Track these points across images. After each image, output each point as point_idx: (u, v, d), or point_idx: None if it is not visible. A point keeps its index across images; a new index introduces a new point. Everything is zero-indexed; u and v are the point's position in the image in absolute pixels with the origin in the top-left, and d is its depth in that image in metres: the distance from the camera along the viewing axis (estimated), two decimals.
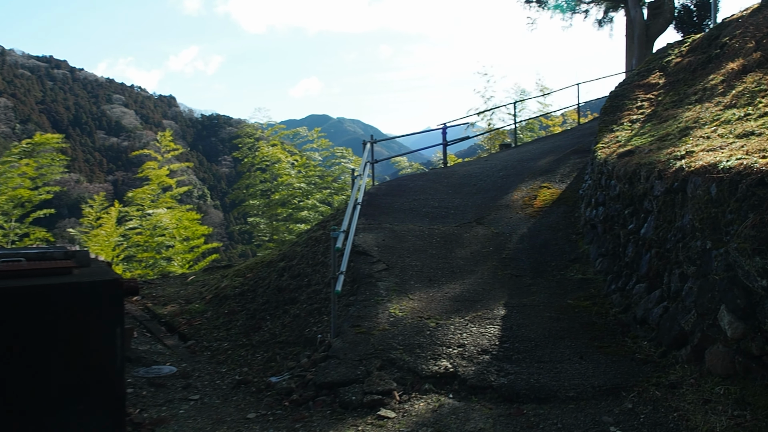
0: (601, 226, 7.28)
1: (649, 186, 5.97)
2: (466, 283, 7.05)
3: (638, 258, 5.92)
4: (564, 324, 5.77)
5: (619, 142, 8.43)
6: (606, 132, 9.35)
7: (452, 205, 10.11)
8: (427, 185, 11.50)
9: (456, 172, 12.46)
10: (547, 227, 8.60)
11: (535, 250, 7.91)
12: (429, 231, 8.90)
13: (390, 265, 7.60)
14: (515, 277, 7.14)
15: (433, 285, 7.02)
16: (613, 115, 10.09)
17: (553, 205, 9.41)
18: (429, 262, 7.71)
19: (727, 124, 6.41)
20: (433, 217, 9.57)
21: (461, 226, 9.06)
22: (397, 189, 11.33)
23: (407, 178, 12.50)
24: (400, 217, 9.57)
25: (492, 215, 9.43)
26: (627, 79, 11.88)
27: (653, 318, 5.21)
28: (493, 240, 8.42)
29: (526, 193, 10.18)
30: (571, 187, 10.09)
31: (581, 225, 8.27)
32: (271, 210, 21.07)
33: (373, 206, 10.19)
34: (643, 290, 5.62)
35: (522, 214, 9.31)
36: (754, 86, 7.19)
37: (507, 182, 11.08)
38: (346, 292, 7.20)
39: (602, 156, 7.93)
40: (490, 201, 10.14)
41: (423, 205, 10.17)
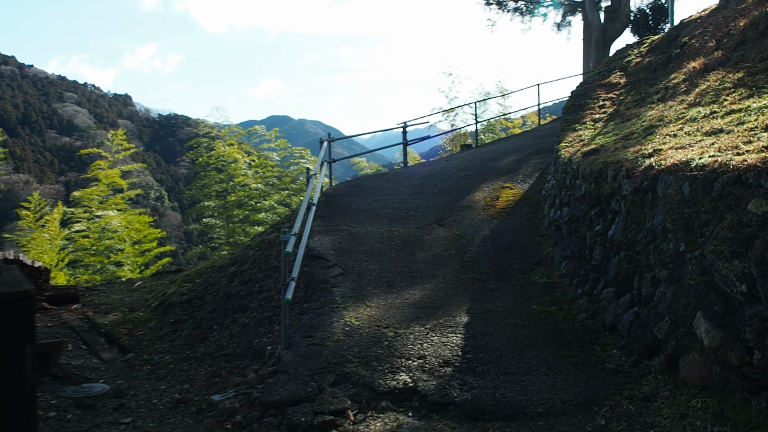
0: (566, 228, 7.01)
1: (616, 185, 5.71)
2: (426, 288, 6.67)
3: (606, 261, 5.65)
4: (530, 331, 5.45)
5: (582, 141, 8.21)
6: (569, 131, 9.14)
7: (412, 206, 9.75)
8: (386, 185, 11.12)
9: (416, 172, 12.12)
10: (510, 229, 8.31)
11: (498, 252, 7.60)
12: (388, 233, 8.50)
13: (347, 269, 7.17)
14: (478, 282, 6.80)
15: (392, 291, 6.62)
16: (576, 114, 9.90)
17: (515, 206, 9.14)
18: (388, 266, 7.31)
19: (693, 122, 6.21)
20: (393, 218, 9.19)
21: (422, 228, 8.70)
22: (355, 189, 10.91)
23: (366, 178, 12.11)
24: (359, 219, 9.16)
25: (453, 216, 9.10)
26: (588, 78, 11.76)
27: (623, 324, 4.93)
28: (455, 242, 8.09)
29: (488, 194, 9.90)
30: (534, 187, 9.85)
31: (545, 226, 8.01)
32: (227, 211, 20.37)
33: (330, 207, 9.74)
34: (612, 295, 5.34)
35: (484, 215, 9.01)
36: (717, 84, 7.05)
37: (469, 182, 10.78)
38: (299, 299, 6.74)
39: (566, 155, 7.69)
40: (451, 202, 9.82)
41: (382, 206, 9.77)
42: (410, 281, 6.87)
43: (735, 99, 6.22)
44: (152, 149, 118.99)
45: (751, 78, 6.59)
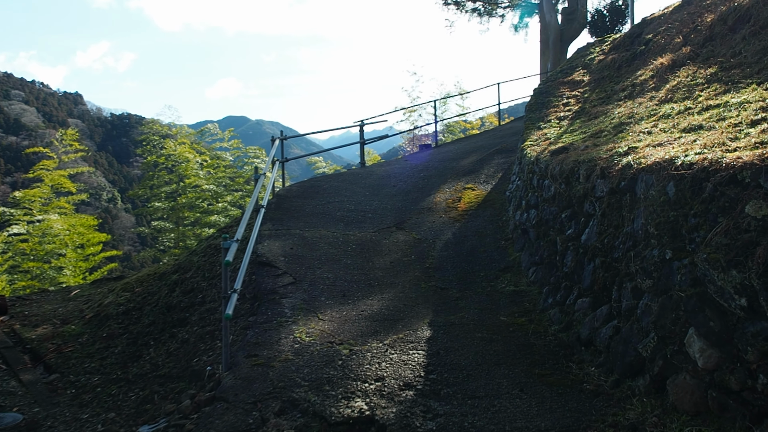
0: (533, 231, 6.57)
1: (589, 186, 5.27)
2: (385, 298, 6.11)
3: (579, 268, 5.20)
4: (498, 346, 4.94)
5: (548, 139, 7.81)
6: (533, 129, 8.74)
7: (370, 209, 9.19)
8: (342, 186, 10.52)
9: (374, 172, 11.56)
10: (474, 232, 7.83)
11: (461, 258, 7.10)
12: (344, 237, 7.91)
13: (298, 278, 6.55)
14: (441, 290, 6.28)
15: (347, 301, 6.04)
16: (540, 112, 9.52)
17: (478, 208, 8.68)
18: (343, 273, 6.72)
19: (668, 119, 5.84)
20: (349, 221, 8.60)
21: (380, 232, 8.14)
22: (309, 190, 10.28)
23: (321, 178, 11.48)
24: (312, 222, 8.53)
25: (413, 219, 8.57)
26: (551, 76, 11.44)
27: (601, 339, 4.47)
28: (415, 247, 7.55)
29: (450, 195, 9.42)
30: (497, 188, 9.42)
31: (510, 230, 7.56)
32: (177, 213, 19.39)
33: (281, 209, 9.09)
34: (587, 306, 4.88)
35: (446, 217, 8.51)
36: (689, 80, 6.73)
37: (429, 183, 10.28)
38: (244, 311, 6.09)
39: (532, 154, 7.25)
40: (411, 204, 9.29)
41: (338, 209, 9.17)
42: (367, 290, 6.30)
43: (710, 94, 5.88)
44: (104, 149, 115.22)
45: (725, 73, 6.27)
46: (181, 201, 19.34)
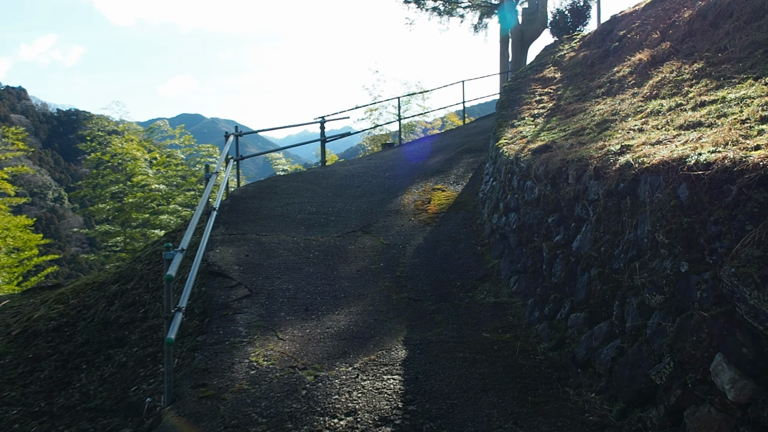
0: (514, 237, 6.04)
1: (580, 188, 4.77)
2: (353, 312, 5.48)
3: (571, 279, 4.69)
4: (484, 368, 4.38)
5: (525, 137, 7.32)
6: (506, 127, 8.26)
7: (333, 211, 8.53)
8: (302, 187, 9.83)
9: (336, 172, 10.91)
10: (447, 237, 7.27)
11: (435, 265, 6.53)
12: (305, 243, 7.24)
13: (254, 289, 5.86)
14: (414, 302, 5.69)
15: (310, 316, 5.38)
16: (512, 109, 9.06)
17: (450, 210, 8.13)
18: (305, 284, 6.05)
19: (658, 116, 5.41)
20: (311, 225, 7.93)
21: (344, 237, 7.50)
22: (267, 191, 9.55)
23: (279, 178, 10.75)
24: (271, 226, 7.82)
25: (380, 222, 7.96)
26: (521, 73, 11.01)
27: (602, 361, 3.95)
28: (384, 253, 6.94)
29: (418, 197, 8.85)
30: (469, 189, 8.90)
31: (486, 234, 7.03)
32: (124, 215, 18.23)
33: (236, 212, 8.34)
34: (582, 322, 4.37)
35: (415, 221, 7.93)
36: (674, 75, 6.34)
37: (395, 183, 9.70)
38: (192, 329, 5.36)
39: (510, 153, 6.75)
40: (377, 205, 8.68)
41: (298, 211, 8.48)
42: (333, 304, 5.65)
43: (701, 90, 5.48)
44: (50, 146, 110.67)
45: (714, 68, 5.89)
46: (128, 201, 18.20)
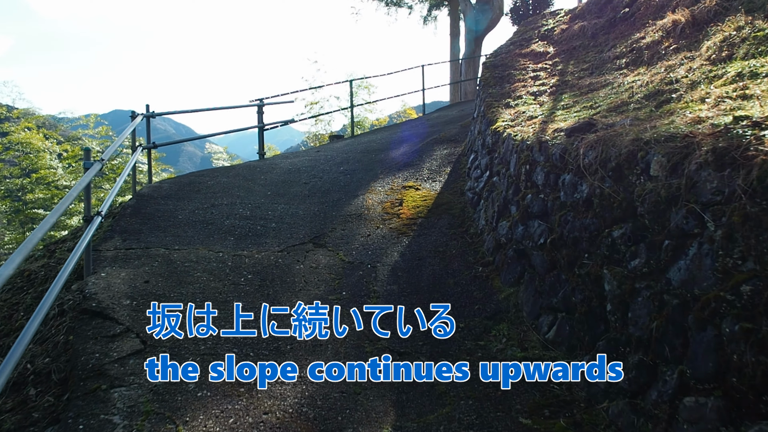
0: (542, 256, 4.14)
1: (683, 183, 2.91)
2: (306, 380, 3.43)
3: (676, 334, 2.81)
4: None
5: (533, 117, 5.47)
6: (500, 107, 6.39)
7: (273, 215, 6.43)
8: (234, 184, 7.66)
9: (278, 166, 8.77)
10: (432, 251, 5.31)
11: (421, 295, 4.56)
12: (235, 260, 5.12)
13: (151, 341, 3.72)
14: (400, 356, 3.70)
15: (238, 391, 3.30)
16: (500, 87, 7.21)
17: (430, 215, 6.18)
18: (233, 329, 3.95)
19: (758, 78, 3.66)
20: (243, 234, 5.81)
21: (289, 251, 5.42)
22: (187, 188, 7.33)
23: (205, 173, 8.51)
24: (188, 236, 5.66)
25: (338, 231, 5.93)
26: (501, 49, 9.20)
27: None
28: (347, 276, 4.92)
29: (386, 197, 6.85)
30: (450, 186, 6.97)
31: (489, 249, 5.09)
32: (22, 215, 15.34)
33: (142, 217, 6.12)
34: (713, 414, 2.49)
35: (385, 229, 5.94)
36: (748, 32, 4.62)
37: (354, 180, 7.67)
38: (41, 415, 3.19)
39: (523, 136, 4.87)
40: (331, 208, 6.64)
41: (227, 215, 6.34)
42: (275, 361, 3.58)
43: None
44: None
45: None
46: (29, 198, 15.34)
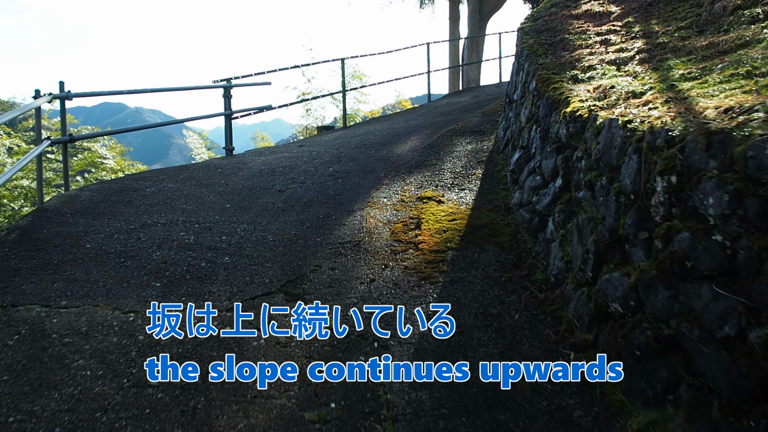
0: (730, 362, 2.03)
1: None
2: None
3: None
4: None
5: (640, 94, 3.37)
6: (567, 82, 4.30)
7: (229, 242, 4.32)
8: (182, 191, 5.53)
9: (247, 165, 6.65)
10: (479, 316, 3.20)
11: (475, 416, 2.47)
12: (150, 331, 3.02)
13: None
14: None
15: None
16: (557, 56, 5.12)
17: (464, 245, 4.06)
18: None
19: None
20: (176, 277, 3.70)
21: (245, 310, 3.32)
22: (115, 199, 5.19)
23: (145, 176, 6.32)
24: (89, 280, 3.56)
25: (325, 272, 3.83)
26: (541, 11, 7.07)
27: None
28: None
29: (395, 213, 4.74)
30: (487, 198, 4.85)
31: (580, 315, 2.96)
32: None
33: (31, 243, 4.01)
34: None
35: (398, 269, 3.82)
36: None
37: (347, 187, 5.55)
38: None
39: (652, 125, 2.75)
40: (316, 230, 4.53)
41: (160, 241, 4.22)
42: None
43: None
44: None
45: None
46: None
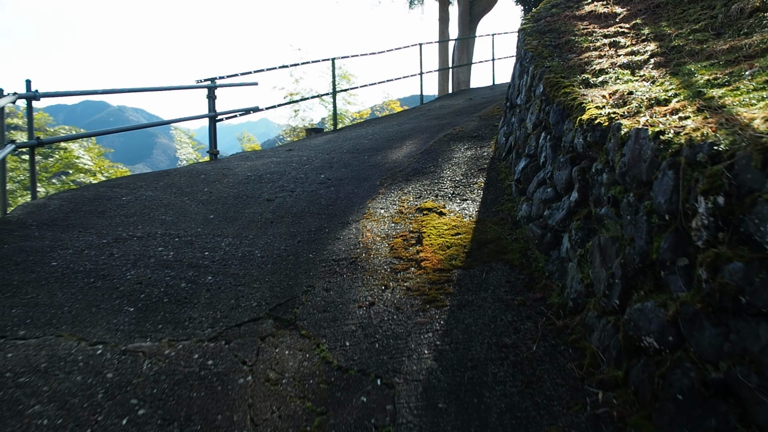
0: None
1: None
2: None
3: None
4: None
5: (664, 101, 3.06)
6: (578, 86, 4.00)
7: (212, 259, 3.96)
8: (162, 199, 5.16)
9: (232, 171, 6.28)
10: (492, 347, 2.88)
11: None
12: (121, 368, 2.66)
13: None
14: None
15: None
16: (564, 59, 4.82)
17: (471, 262, 3.73)
18: None
19: None
20: (152, 301, 3.33)
21: (230, 341, 2.97)
22: (87, 208, 4.81)
23: (122, 182, 5.90)
24: (53, 304, 3.18)
25: (319, 293, 3.49)
26: (542, 12, 6.78)
27: None
28: (338, 409, 2.49)
29: (393, 226, 4.41)
30: (492, 209, 4.53)
31: (605, 348, 2.64)
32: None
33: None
34: None
35: (399, 290, 3.49)
36: None
37: (341, 196, 5.21)
38: None
39: (691, 137, 2.43)
40: (308, 245, 4.19)
41: (135, 258, 3.85)
42: None
43: None
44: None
45: None
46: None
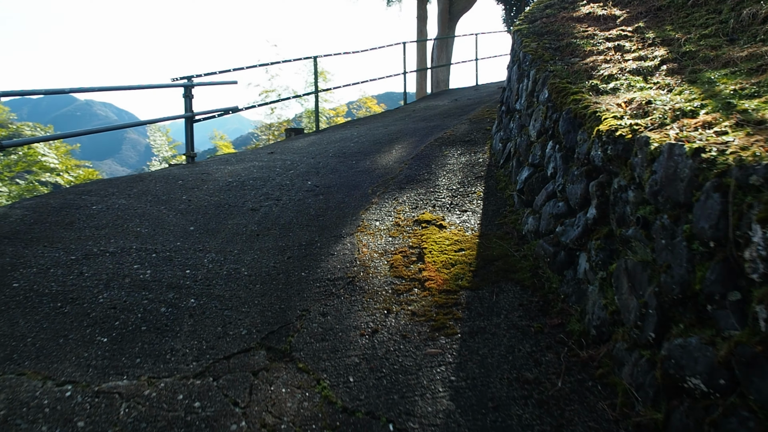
0: None
1: None
2: None
3: None
4: None
5: (691, 113, 2.83)
6: (587, 93, 3.75)
7: (194, 278, 3.62)
8: (136, 208, 4.78)
9: (212, 176, 5.92)
10: (512, 383, 2.61)
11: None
12: (93, 414, 2.32)
13: None
14: None
15: None
16: (568, 63, 4.58)
17: (478, 282, 3.46)
18: None
19: None
20: (128, 330, 2.99)
21: (218, 378, 2.65)
22: (54, 219, 4.41)
23: (92, 188, 5.48)
24: (15, 335, 2.82)
25: (315, 318, 3.18)
26: (536, 13, 6.55)
27: None
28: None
29: (391, 240, 4.11)
30: (495, 222, 4.27)
31: (639, 385, 2.39)
32: None
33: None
34: None
35: (404, 316, 3.20)
36: None
37: (331, 205, 4.90)
38: None
39: (741, 157, 2.19)
40: (299, 262, 3.87)
41: (108, 277, 3.49)
42: None
43: None
44: None
45: None
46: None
